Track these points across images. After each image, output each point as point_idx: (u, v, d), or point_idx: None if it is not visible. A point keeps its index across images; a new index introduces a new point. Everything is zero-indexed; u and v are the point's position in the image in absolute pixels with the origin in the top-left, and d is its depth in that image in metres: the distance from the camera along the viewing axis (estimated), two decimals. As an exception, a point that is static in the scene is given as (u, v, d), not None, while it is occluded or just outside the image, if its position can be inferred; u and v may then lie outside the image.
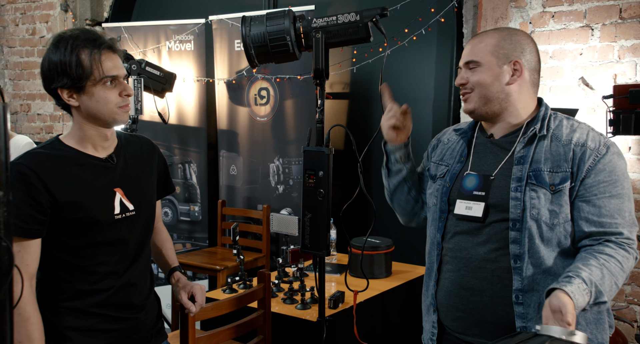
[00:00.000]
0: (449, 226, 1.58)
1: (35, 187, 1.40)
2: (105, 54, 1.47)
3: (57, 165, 1.46)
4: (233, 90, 4.01)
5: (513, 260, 1.45)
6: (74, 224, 1.47)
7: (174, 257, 1.82)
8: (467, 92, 1.56)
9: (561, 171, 1.44)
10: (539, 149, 1.49)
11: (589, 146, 1.45)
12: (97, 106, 1.48)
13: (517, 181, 1.47)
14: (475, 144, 1.62)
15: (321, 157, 1.80)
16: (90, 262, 1.50)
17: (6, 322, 0.82)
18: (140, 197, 1.61)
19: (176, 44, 4.16)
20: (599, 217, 1.42)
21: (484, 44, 1.55)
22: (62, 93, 1.47)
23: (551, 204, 1.44)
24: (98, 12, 4.73)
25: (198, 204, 4.20)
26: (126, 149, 1.63)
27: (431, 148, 1.79)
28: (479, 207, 1.50)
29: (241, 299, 2.02)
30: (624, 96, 2.62)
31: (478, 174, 1.55)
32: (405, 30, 3.44)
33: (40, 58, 5.09)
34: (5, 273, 0.81)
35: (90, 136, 1.53)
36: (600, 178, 1.43)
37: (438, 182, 1.65)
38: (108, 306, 1.54)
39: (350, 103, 3.94)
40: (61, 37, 1.47)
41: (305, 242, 1.88)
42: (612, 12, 2.94)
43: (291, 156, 3.80)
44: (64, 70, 1.43)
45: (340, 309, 2.33)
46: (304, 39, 1.87)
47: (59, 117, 4.96)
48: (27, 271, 1.42)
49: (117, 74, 1.49)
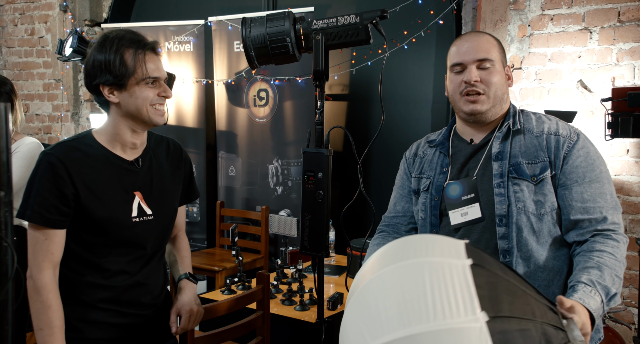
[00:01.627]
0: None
1: (62, 179, 1.45)
2: (148, 55, 1.53)
3: (85, 161, 1.51)
4: (232, 91, 4.01)
5: (502, 255, 1.46)
6: (91, 222, 1.50)
7: (188, 264, 1.80)
8: (478, 92, 1.51)
9: (539, 160, 1.47)
10: (514, 144, 1.51)
11: (561, 134, 1.49)
12: (135, 103, 1.52)
13: (499, 176, 1.49)
14: (454, 153, 1.61)
15: (320, 158, 1.80)
16: (104, 259, 1.53)
17: (7, 322, 0.82)
18: (159, 202, 1.63)
19: (175, 45, 4.16)
20: (583, 203, 1.43)
21: (491, 44, 1.54)
22: (103, 89, 1.51)
23: (535, 194, 1.45)
24: (97, 12, 4.73)
25: (197, 205, 4.20)
26: (154, 152, 1.67)
27: (409, 165, 1.74)
28: (474, 209, 1.50)
29: (240, 300, 2.02)
30: (622, 99, 2.63)
31: (459, 181, 1.54)
32: (405, 33, 3.45)
33: (39, 58, 5.12)
34: (6, 274, 0.81)
35: (122, 136, 1.56)
36: (577, 163, 1.45)
37: (423, 196, 1.63)
38: (117, 302, 1.56)
39: (350, 105, 3.95)
40: (107, 37, 1.52)
41: (304, 244, 1.88)
42: (610, 15, 2.95)
43: (290, 157, 3.80)
44: (107, 67, 1.49)
45: (339, 311, 2.33)
46: (304, 41, 1.87)
47: (58, 117, 4.96)
48: (52, 259, 1.47)
49: (158, 76, 1.55)
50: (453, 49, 1.57)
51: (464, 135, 1.62)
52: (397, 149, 3.75)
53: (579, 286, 1.30)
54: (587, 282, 1.31)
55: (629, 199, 2.96)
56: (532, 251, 1.44)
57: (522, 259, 1.45)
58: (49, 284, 1.45)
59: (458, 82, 1.54)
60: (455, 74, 1.55)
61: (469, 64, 1.52)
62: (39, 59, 5.03)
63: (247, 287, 2.64)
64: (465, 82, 1.51)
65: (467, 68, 1.52)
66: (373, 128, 3.73)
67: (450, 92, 1.59)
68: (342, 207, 1.88)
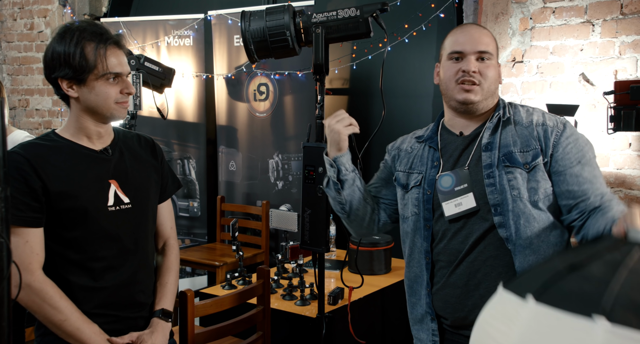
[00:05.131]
0: (437, 231, 1.56)
1: (27, 174, 1.41)
2: (110, 49, 1.48)
3: (49, 154, 1.47)
4: (232, 85, 4.00)
5: (506, 243, 1.46)
6: (66, 215, 1.47)
7: (168, 293, 1.65)
8: (475, 82, 1.51)
9: (531, 149, 1.49)
10: (505, 134, 1.53)
11: (548, 125, 1.51)
12: (96, 100, 1.48)
13: (488, 167, 1.50)
14: (443, 146, 1.61)
15: (321, 153, 1.79)
16: (86, 255, 1.50)
17: (4, 318, 0.81)
18: (136, 190, 1.59)
19: (175, 39, 4.14)
20: (579, 186, 1.45)
21: (490, 39, 1.55)
22: (62, 83, 1.47)
23: (528, 182, 1.47)
24: (96, 6, 4.71)
25: (197, 200, 4.19)
26: (123, 142, 1.63)
27: (391, 159, 1.74)
28: (468, 198, 1.50)
29: (240, 295, 2.02)
30: (625, 92, 2.62)
31: (451, 172, 1.54)
32: (406, 26, 3.43)
33: (39, 53, 5.10)
34: (2, 269, 0.80)
35: (86, 128, 1.53)
36: (568, 150, 1.48)
37: (414, 191, 1.61)
38: (110, 307, 1.53)
39: (350, 99, 3.93)
40: (68, 28, 1.47)
41: (304, 239, 1.88)
42: (613, 7, 2.92)
43: (290, 152, 3.79)
44: (66, 60, 1.44)
45: (340, 306, 2.33)
46: (303, 34, 1.86)
47: (57, 112, 4.95)
48: (39, 260, 1.44)
49: (120, 72, 1.50)
50: (451, 38, 1.58)
51: (453, 128, 1.61)
52: (398, 144, 3.74)
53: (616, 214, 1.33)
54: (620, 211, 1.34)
55: (631, 193, 2.94)
56: (532, 238, 1.45)
57: (522, 247, 1.45)
58: (46, 281, 1.43)
59: (455, 70, 1.52)
60: (453, 62, 1.54)
61: (468, 54, 1.51)
62: (39, 53, 5.01)
63: (248, 282, 2.63)
64: (464, 71, 1.51)
65: (467, 57, 1.51)
66: (374, 122, 3.72)
67: (444, 80, 1.56)
68: (343, 202, 1.87)
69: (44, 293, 1.42)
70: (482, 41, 1.52)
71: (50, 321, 1.43)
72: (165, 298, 1.64)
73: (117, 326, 1.54)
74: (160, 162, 1.71)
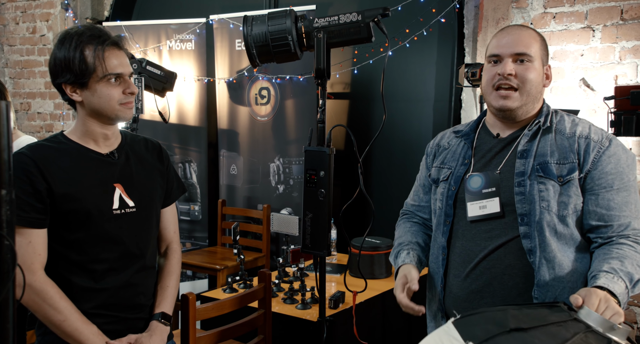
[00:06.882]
0: (456, 229, 1.54)
1: (33, 175, 1.42)
2: (109, 50, 1.48)
3: (56, 156, 1.48)
4: (234, 89, 4.01)
5: (528, 255, 1.43)
6: (71, 217, 1.47)
7: (168, 296, 1.66)
8: (512, 86, 1.46)
9: (568, 162, 1.43)
10: (543, 142, 1.47)
11: (592, 138, 1.45)
12: (99, 102, 1.49)
13: (520, 175, 1.45)
14: (478, 145, 1.58)
15: (322, 157, 1.80)
16: (88, 257, 1.50)
17: (8, 320, 0.82)
18: (141, 194, 1.60)
19: (177, 43, 4.16)
20: (608, 211, 1.41)
21: (533, 40, 1.49)
22: (65, 88, 1.49)
23: (560, 196, 1.42)
24: (99, 10, 4.73)
25: (198, 204, 4.20)
26: (130, 146, 1.64)
27: (431, 156, 1.72)
28: (494, 203, 1.47)
29: (241, 298, 2.02)
30: (625, 97, 2.62)
31: (482, 173, 1.51)
32: (407, 31, 3.44)
33: (41, 57, 5.12)
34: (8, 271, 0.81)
35: (93, 131, 1.54)
36: (607, 170, 1.42)
37: (442, 186, 1.61)
38: (110, 307, 1.54)
39: (351, 103, 3.94)
40: (67, 33, 1.49)
41: (305, 242, 1.88)
42: (613, 13, 2.94)
43: (291, 156, 3.80)
44: (67, 66, 1.45)
45: (341, 310, 2.33)
46: (305, 39, 1.87)
47: (59, 116, 4.96)
48: (41, 260, 1.45)
49: (121, 72, 1.50)
50: (493, 40, 1.52)
51: (492, 128, 1.58)
52: (398, 148, 3.74)
53: (600, 274, 1.29)
54: (609, 270, 1.30)
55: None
56: (555, 252, 1.41)
57: (545, 260, 1.41)
58: (47, 282, 1.44)
59: (492, 75, 1.49)
60: (491, 66, 1.50)
61: (505, 57, 1.47)
62: (41, 57, 5.03)
63: (249, 285, 2.64)
64: (499, 74, 1.47)
65: (503, 60, 1.47)
66: (375, 127, 3.73)
67: (483, 84, 1.53)
68: (343, 205, 1.87)
69: (45, 293, 1.43)
70: (521, 43, 1.46)
71: (49, 320, 1.44)
72: (165, 301, 1.65)
73: (116, 326, 1.55)
74: (166, 167, 1.72)
